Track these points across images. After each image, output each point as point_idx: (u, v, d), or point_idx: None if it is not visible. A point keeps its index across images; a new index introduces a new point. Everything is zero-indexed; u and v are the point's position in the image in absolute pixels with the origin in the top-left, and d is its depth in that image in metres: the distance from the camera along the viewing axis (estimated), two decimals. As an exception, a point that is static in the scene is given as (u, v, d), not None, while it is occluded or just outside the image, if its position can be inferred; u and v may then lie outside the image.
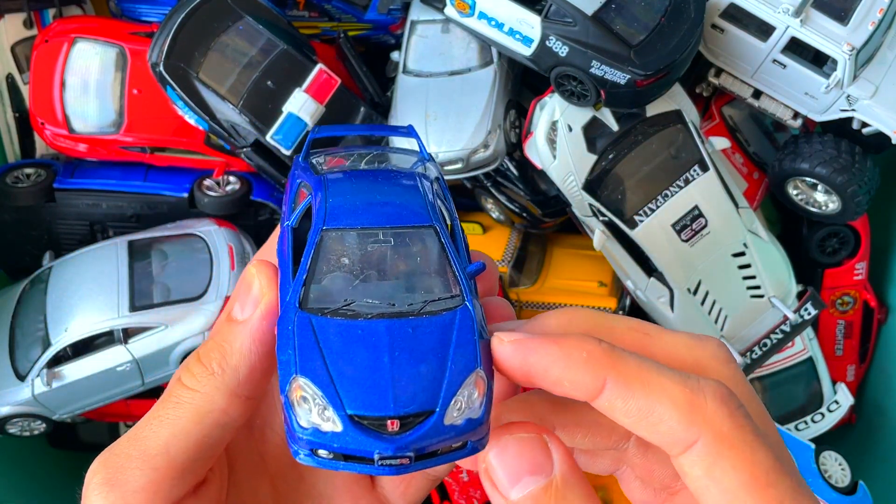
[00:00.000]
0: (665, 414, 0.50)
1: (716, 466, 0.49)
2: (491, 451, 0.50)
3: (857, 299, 1.88)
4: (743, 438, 0.50)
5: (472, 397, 0.52)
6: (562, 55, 1.45)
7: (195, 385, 0.58)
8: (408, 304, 0.56)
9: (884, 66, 1.51)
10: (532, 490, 0.49)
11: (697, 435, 0.49)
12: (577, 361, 0.52)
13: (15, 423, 1.61)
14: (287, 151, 1.57)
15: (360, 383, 0.52)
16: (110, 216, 1.73)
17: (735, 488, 0.49)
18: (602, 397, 0.51)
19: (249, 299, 0.59)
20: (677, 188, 1.55)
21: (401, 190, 0.61)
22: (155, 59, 1.53)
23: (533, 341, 0.53)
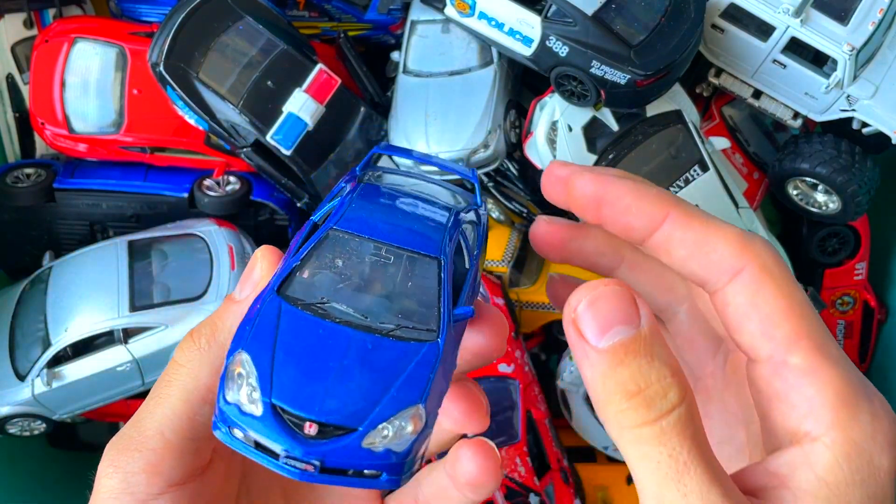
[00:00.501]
0: (719, 244, 0.56)
1: (759, 294, 0.55)
2: (582, 302, 0.52)
3: (857, 299, 1.88)
4: (784, 274, 0.56)
5: (402, 430, 0.50)
6: (562, 55, 1.45)
7: (183, 360, 0.58)
8: (380, 322, 0.55)
9: (884, 66, 1.51)
10: (623, 338, 0.50)
11: (745, 263, 0.55)
12: (646, 194, 0.59)
13: (15, 423, 1.61)
14: (287, 151, 1.57)
15: (297, 378, 0.51)
16: (110, 216, 1.73)
17: (773, 314, 0.54)
18: (663, 228, 0.58)
19: (249, 281, 0.60)
20: (677, 188, 1.55)
21: (426, 218, 0.61)
22: (155, 59, 1.53)
23: (609, 174, 0.60)
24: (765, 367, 0.55)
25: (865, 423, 0.53)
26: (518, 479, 1.61)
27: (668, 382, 0.50)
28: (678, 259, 0.59)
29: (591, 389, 0.52)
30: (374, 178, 0.67)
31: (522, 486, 1.61)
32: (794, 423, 0.54)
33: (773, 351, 0.54)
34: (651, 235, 0.59)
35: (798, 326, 0.54)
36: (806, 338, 0.54)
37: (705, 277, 0.58)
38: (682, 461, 0.49)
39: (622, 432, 0.51)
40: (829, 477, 0.51)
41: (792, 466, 0.53)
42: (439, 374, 0.53)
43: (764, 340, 0.55)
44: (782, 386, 0.54)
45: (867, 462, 0.52)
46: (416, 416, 0.51)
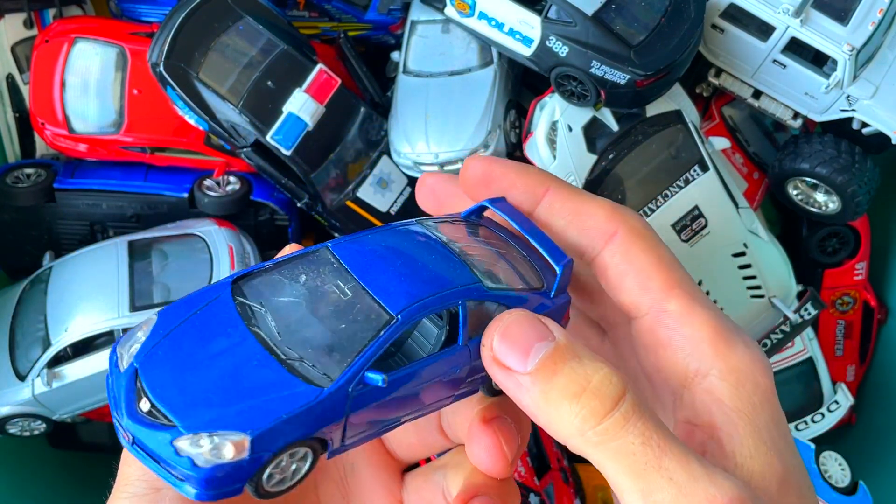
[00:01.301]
0: (593, 211, 0.62)
1: (631, 251, 0.60)
2: (494, 339, 0.54)
3: (857, 299, 1.88)
4: (651, 234, 0.62)
5: (218, 447, 0.48)
6: (562, 55, 1.45)
7: None
8: (287, 346, 0.53)
9: (884, 67, 1.51)
10: (545, 353, 0.52)
11: (617, 227, 0.61)
12: (529, 170, 0.65)
13: (15, 423, 1.61)
14: (287, 151, 1.57)
15: (171, 358, 0.52)
16: (110, 216, 1.73)
17: (646, 268, 0.60)
18: (545, 200, 0.64)
19: None
20: (677, 188, 1.55)
21: (434, 277, 0.58)
22: (155, 59, 1.53)
23: (496, 158, 0.66)
24: (646, 319, 0.60)
25: (742, 351, 0.57)
26: (518, 479, 1.61)
27: (606, 371, 0.52)
28: (559, 228, 0.63)
29: (537, 413, 0.52)
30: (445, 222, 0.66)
31: (522, 486, 1.61)
32: (681, 364, 0.57)
33: (652, 301, 0.59)
34: (535, 209, 0.64)
35: (670, 277, 0.59)
36: (678, 286, 0.59)
37: (584, 244, 0.62)
38: (656, 444, 0.49)
39: (585, 437, 0.50)
40: (738, 404, 0.55)
41: (706, 408, 0.55)
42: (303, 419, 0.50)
43: (642, 293, 0.59)
44: (664, 332, 0.58)
45: (755, 385, 0.56)
46: (239, 445, 0.49)
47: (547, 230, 0.64)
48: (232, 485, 0.50)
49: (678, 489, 0.48)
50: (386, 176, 1.71)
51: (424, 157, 1.60)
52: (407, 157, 1.62)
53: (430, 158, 1.60)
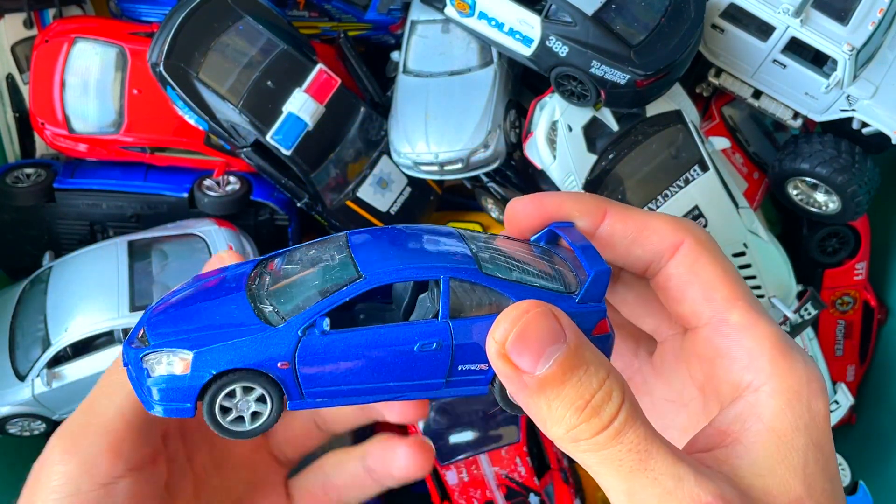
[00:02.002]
0: (657, 227, 0.62)
1: (697, 262, 0.61)
2: (509, 337, 0.53)
3: (857, 299, 1.88)
4: (715, 247, 0.63)
5: (171, 363, 0.56)
6: (562, 55, 1.45)
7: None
8: (268, 300, 0.60)
9: (884, 67, 1.51)
10: (557, 358, 0.52)
11: (683, 238, 0.62)
12: (584, 198, 0.65)
13: (15, 423, 1.61)
14: (287, 151, 1.57)
15: (180, 303, 0.61)
16: (110, 216, 1.73)
17: (711, 280, 0.60)
18: (605, 223, 0.63)
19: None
20: (677, 188, 1.55)
21: (420, 255, 0.61)
22: (155, 59, 1.53)
23: (543, 193, 0.66)
24: (706, 329, 0.60)
25: (800, 371, 0.56)
26: (518, 479, 1.61)
27: (608, 383, 0.52)
28: (621, 250, 0.64)
29: (536, 417, 0.53)
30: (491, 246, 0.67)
31: (522, 486, 1.61)
32: (736, 375, 0.57)
33: (714, 311, 0.60)
34: (594, 232, 0.64)
35: (734, 289, 0.60)
36: (741, 299, 0.59)
37: (648, 259, 0.63)
38: (643, 449, 0.50)
39: (577, 445, 0.52)
40: (776, 424, 0.54)
41: (741, 420, 0.55)
42: (246, 349, 0.57)
43: (705, 304, 0.60)
44: (723, 342, 0.59)
45: (806, 408, 0.55)
46: (185, 361, 0.56)
47: (610, 251, 0.64)
48: (181, 401, 0.56)
49: (662, 489, 0.49)
50: (386, 176, 1.71)
51: (424, 157, 1.60)
52: (407, 157, 1.62)
53: (430, 158, 1.60)
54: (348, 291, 0.58)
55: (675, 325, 0.67)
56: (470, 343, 0.59)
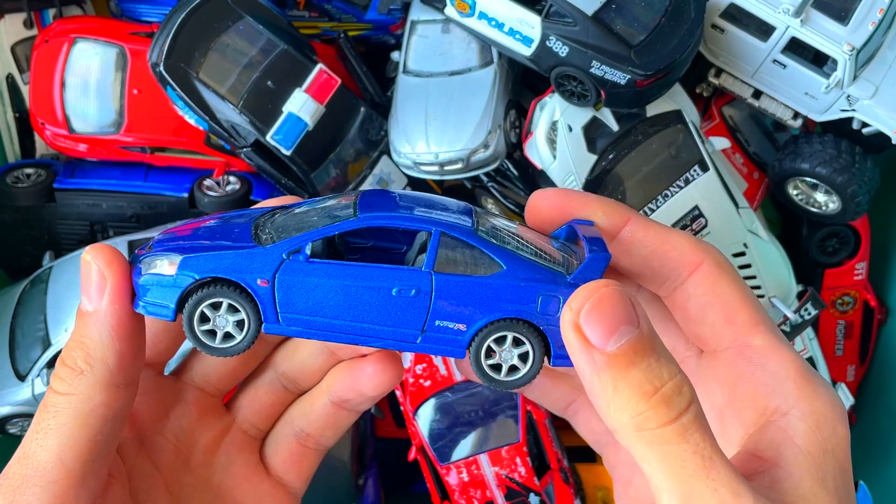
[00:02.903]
0: (677, 241, 0.62)
1: (717, 284, 0.60)
2: (584, 307, 0.52)
3: (857, 299, 1.88)
4: (733, 270, 0.62)
5: (160, 264, 0.61)
6: (562, 55, 1.45)
7: (67, 389, 0.57)
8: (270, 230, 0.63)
9: (884, 67, 1.51)
10: (630, 338, 0.51)
11: (702, 258, 0.61)
12: (609, 201, 0.64)
13: (15, 423, 1.61)
14: (287, 151, 1.57)
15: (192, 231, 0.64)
16: (110, 216, 1.73)
17: (732, 302, 0.60)
18: (627, 228, 0.63)
19: (92, 288, 0.59)
20: (677, 188, 1.55)
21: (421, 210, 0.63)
22: (155, 59, 1.53)
23: (570, 190, 0.66)
24: (728, 352, 0.59)
25: (825, 396, 0.56)
26: (518, 479, 1.61)
27: (680, 378, 0.51)
28: (639, 259, 0.63)
29: (601, 396, 0.52)
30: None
31: (522, 486, 1.61)
32: (762, 400, 0.57)
33: (736, 335, 0.59)
34: (614, 238, 0.63)
35: (755, 314, 0.59)
36: (762, 323, 0.59)
37: (665, 275, 0.62)
38: (707, 455, 0.49)
39: (640, 435, 0.50)
40: (810, 447, 0.54)
41: (775, 445, 0.55)
42: (230, 261, 0.60)
43: (726, 327, 0.59)
44: (747, 366, 0.58)
45: (833, 431, 0.55)
46: (172, 263, 0.60)
47: (627, 259, 0.64)
48: (163, 300, 0.60)
49: (720, 501, 0.48)
50: (386, 176, 1.71)
51: (424, 157, 1.60)
52: (407, 156, 1.62)
53: (430, 158, 1.60)
54: (339, 227, 0.60)
55: (691, 346, 0.66)
56: (451, 299, 0.60)
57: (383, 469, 1.86)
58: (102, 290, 0.58)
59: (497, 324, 0.60)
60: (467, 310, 0.60)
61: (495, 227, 0.63)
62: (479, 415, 1.66)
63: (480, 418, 1.66)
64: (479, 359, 0.61)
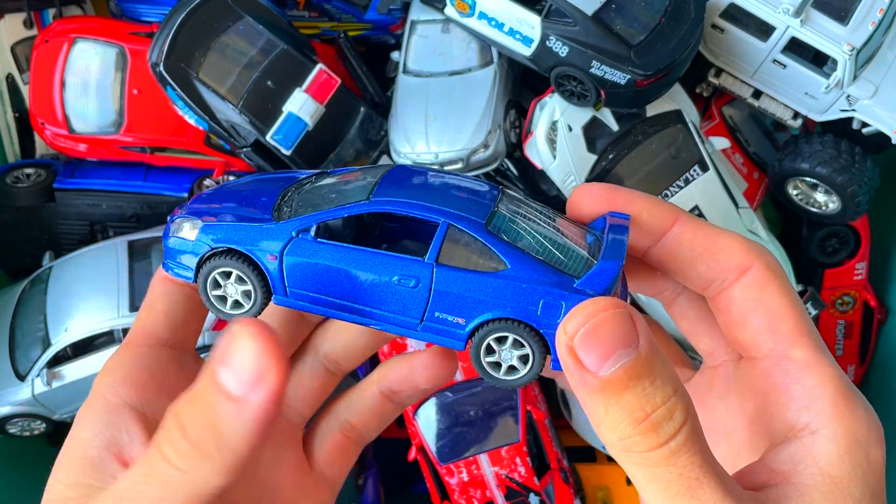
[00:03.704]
0: (726, 244, 0.59)
1: (766, 289, 0.58)
2: (578, 333, 0.50)
3: (857, 299, 1.88)
4: (784, 276, 0.59)
5: (183, 227, 0.65)
6: (562, 55, 1.45)
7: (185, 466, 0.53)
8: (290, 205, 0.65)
9: (884, 67, 1.51)
10: (624, 363, 0.49)
11: (752, 262, 0.59)
12: (655, 200, 0.62)
13: (15, 423, 1.61)
14: (287, 151, 1.57)
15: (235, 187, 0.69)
16: (110, 216, 1.73)
17: (778, 310, 0.58)
18: (674, 230, 0.61)
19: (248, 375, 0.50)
20: (677, 188, 1.55)
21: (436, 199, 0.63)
22: (155, 59, 1.53)
23: (617, 186, 0.63)
24: (765, 361, 0.58)
25: (862, 417, 0.55)
26: (518, 479, 1.61)
27: (673, 402, 0.50)
28: (686, 261, 0.61)
29: (593, 417, 0.51)
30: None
31: (522, 486, 1.61)
32: (793, 414, 0.55)
33: (777, 344, 0.57)
34: (661, 238, 0.61)
35: (800, 324, 0.57)
36: (807, 335, 0.57)
37: (712, 277, 0.60)
38: (694, 477, 0.49)
39: (628, 456, 0.50)
40: (832, 470, 0.52)
41: (794, 461, 0.53)
42: (243, 233, 0.62)
43: (768, 335, 0.57)
44: (783, 379, 0.56)
45: (865, 456, 0.53)
46: (194, 227, 0.63)
47: (673, 261, 0.62)
48: (185, 265, 0.64)
49: None
50: (386, 176, 1.71)
51: (424, 157, 1.60)
52: (407, 156, 1.62)
53: (430, 158, 1.60)
54: (349, 209, 0.61)
55: (730, 350, 0.65)
56: (451, 292, 0.59)
57: (383, 469, 1.86)
58: (260, 383, 0.50)
59: (498, 322, 0.59)
60: (467, 305, 0.59)
61: (515, 217, 0.62)
62: (479, 415, 1.66)
63: (480, 418, 1.66)
64: (479, 354, 0.61)
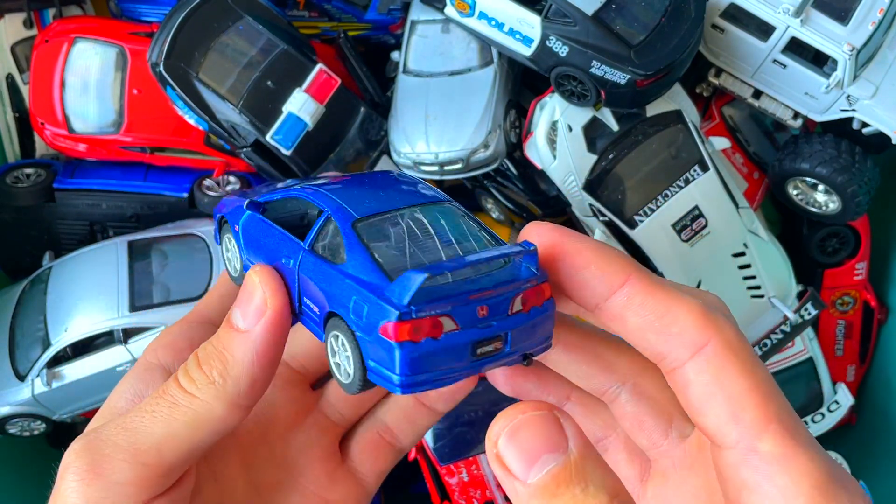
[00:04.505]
0: (680, 315, 0.52)
1: (724, 371, 0.50)
2: (501, 436, 0.48)
3: (857, 299, 1.87)
4: (747, 352, 0.52)
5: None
6: (562, 55, 1.45)
7: (194, 391, 0.57)
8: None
9: (884, 66, 1.51)
10: (551, 469, 0.46)
11: (708, 339, 0.51)
12: (608, 253, 0.54)
13: (15, 423, 1.61)
14: (287, 151, 1.57)
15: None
16: (110, 216, 1.73)
17: (740, 395, 0.50)
18: (622, 291, 0.53)
19: (252, 308, 0.58)
20: (677, 188, 1.55)
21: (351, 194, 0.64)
22: (155, 59, 1.53)
23: (568, 230, 0.55)
24: (732, 454, 0.51)
25: None
26: (518, 480, 1.61)
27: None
28: (634, 328, 0.54)
29: None
30: None
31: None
32: None
33: (741, 436, 0.50)
34: (608, 298, 0.54)
35: (767, 409, 0.50)
36: (776, 421, 0.50)
37: (663, 351, 0.53)
38: None
39: None
40: None
41: None
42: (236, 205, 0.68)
43: (731, 425, 0.50)
44: (752, 475, 0.50)
45: None
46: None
47: (620, 325, 0.56)
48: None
49: None
50: (386, 176, 1.71)
51: (424, 157, 1.60)
52: (407, 156, 1.62)
53: (430, 158, 1.60)
54: (278, 192, 0.66)
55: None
56: (308, 279, 0.58)
57: (383, 469, 1.85)
58: (260, 315, 0.57)
59: (334, 318, 0.56)
60: (319, 294, 0.57)
61: (414, 225, 0.58)
62: (479, 415, 1.66)
63: (480, 418, 1.66)
64: (326, 351, 0.58)
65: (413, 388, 0.51)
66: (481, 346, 0.52)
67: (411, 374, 0.50)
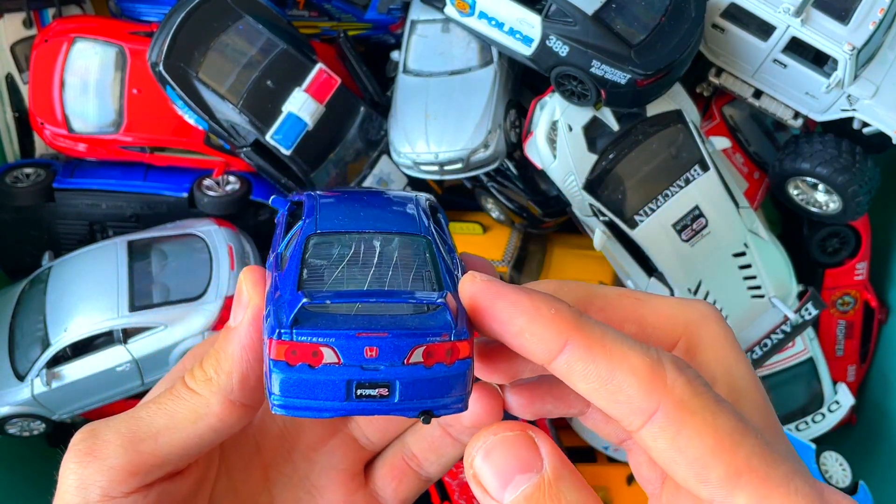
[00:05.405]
0: (625, 382, 0.48)
1: (679, 436, 0.47)
2: (476, 456, 0.48)
3: (857, 299, 1.87)
4: (703, 405, 0.48)
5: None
6: (562, 55, 1.45)
7: (194, 386, 0.59)
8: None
9: (884, 66, 1.51)
10: (525, 489, 0.47)
11: (657, 404, 0.48)
12: (543, 316, 0.49)
13: (15, 423, 1.60)
14: (287, 151, 1.57)
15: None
16: (110, 216, 1.73)
17: (701, 456, 0.47)
18: (560, 358, 0.49)
19: (240, 306, 0.60)
20: (678, 188, 1.55)
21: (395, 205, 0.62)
22: (154, 58, 1.53)
23: (506, 287, 0.51)
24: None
25: None
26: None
27: None
28: (583, 392, 0.50)
29: None
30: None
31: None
32: None
33: (713, 495, 0.47)
34: (549, 364, 0.51)
35: (734, 461, 0.47)
36: (747, 471, 0.47)
37: (616, 416, 0.50)
38: None
39: None
40: None
41: None
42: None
43: (699, 485, 0.47)
44: None
45: None
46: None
47: (566, 393, 0.55)
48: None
49: None
50: (386, 176, 1.71)
51: (424, 157, 1.60)
52: (407, 156, 1.62)
53: (430, 158, 1.60)
54: (304, 195, 0.65)
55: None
56: (273, 284, 0.58)
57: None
58: (244, 311, 0.58)
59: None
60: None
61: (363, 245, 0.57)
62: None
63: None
64: None
65: (287, 410, 0.50)
66: (361, 388, 0.50)
67: (283, 395, 0.50)
